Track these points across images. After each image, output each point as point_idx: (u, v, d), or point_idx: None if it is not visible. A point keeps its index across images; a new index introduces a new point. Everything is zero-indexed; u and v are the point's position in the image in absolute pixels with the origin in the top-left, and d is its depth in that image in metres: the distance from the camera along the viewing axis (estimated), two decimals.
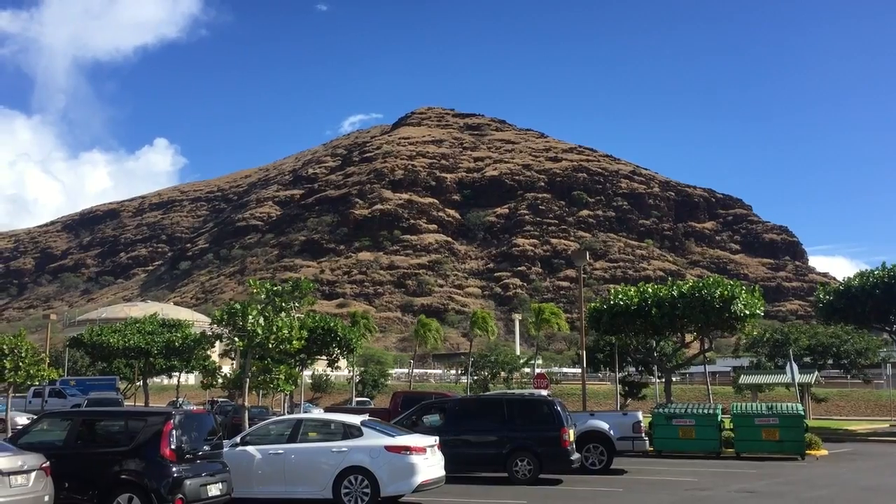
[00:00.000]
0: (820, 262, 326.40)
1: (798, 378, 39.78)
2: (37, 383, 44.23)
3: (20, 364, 28.66)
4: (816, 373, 49.91)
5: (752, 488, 18.10)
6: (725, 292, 30.91)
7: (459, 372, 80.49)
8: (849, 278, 38.10)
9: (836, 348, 56.57)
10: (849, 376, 63.80)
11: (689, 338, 36.18)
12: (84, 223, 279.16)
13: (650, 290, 33.52)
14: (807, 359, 54.92)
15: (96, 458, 12.69)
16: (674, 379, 44.39)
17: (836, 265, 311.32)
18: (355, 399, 60.60)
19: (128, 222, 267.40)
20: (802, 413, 26.03)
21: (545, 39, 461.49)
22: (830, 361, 57.95)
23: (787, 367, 38.33)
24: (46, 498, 11.21)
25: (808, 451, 25.52)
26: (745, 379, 51.95)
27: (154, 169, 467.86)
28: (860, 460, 25.25)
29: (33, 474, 11.05)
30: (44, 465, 11.30)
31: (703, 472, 21.42)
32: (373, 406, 52.68)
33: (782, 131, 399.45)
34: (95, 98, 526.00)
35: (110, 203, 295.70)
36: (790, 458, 24.81)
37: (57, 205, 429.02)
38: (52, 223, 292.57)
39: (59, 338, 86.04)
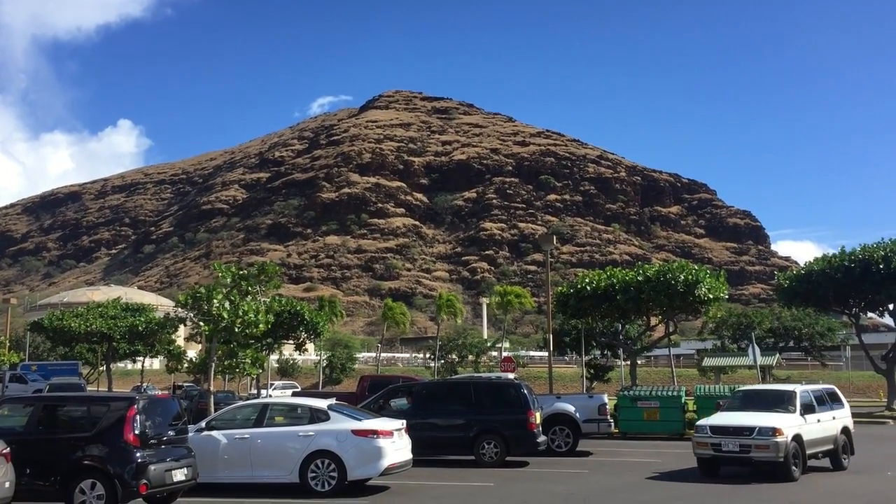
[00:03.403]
0: (787, 247, 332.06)
1: (759, 360, 40.41)
2: None
3: None
4: (777, 355, 50.74)
5: None
6: (690, 276, 31.33)
7: (427, 356, 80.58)
8: (810, 262, 38.72)
9: (797, 331, 57.59)
10: (809, 358, 65.05)
11: (654, 321, 36.65)
12: (45, 206, 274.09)
13: (617, 273, 33.85)
14: (769, 341, 55.83)
15: (58, 443, 12.53)
16: (639, 362, 44.89)
17: (803, 249, 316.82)
18: (279, 383, 59.92)
19: (90, 205, 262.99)
20: None
21: (513, 24, 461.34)
22: (791, 344, 58.99)
23: (749, 350, 38.91)
24: (7, 484, 11.05)
25: None
26: (708, 361, 52.69)
27: (118, 151, 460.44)
28: None
29: None
30: (4, 451, 11.12)
31: (667, 453, 21.72)
32: (298, 389, 52.08)
33: (749, 117, 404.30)
34: (56, 78, 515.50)
35: (72, 185, 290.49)
36: None
37: (17, 187, 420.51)
38: (12, 206, 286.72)
39: (20, 322, 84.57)
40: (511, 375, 31.08)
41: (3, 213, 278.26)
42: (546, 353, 41.88)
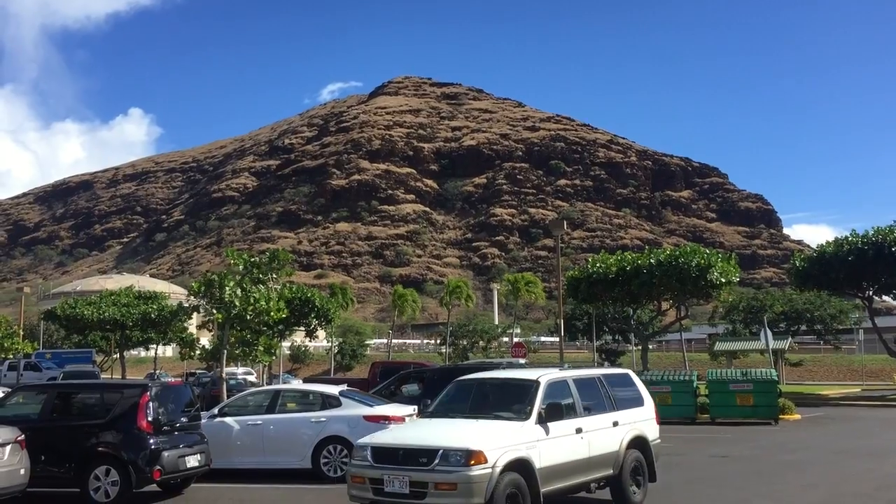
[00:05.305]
0: (802, 230, 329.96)
1: (772, 344, 40.32)
2: (11, 356, 44.03)
3: None
4: (790, 339, 50.59)
5: (727, 453, 18.37)
6: (702, 261, 31.22)
7: (438, 342, 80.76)
8: (823, 245, 38.50)
9: (809, 314, 57.32)
10: (822, 342, 64.79)
11: (665, 305, 36.53)
12: (57, 195, 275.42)
13: (628, 258, 33.77)
14: (781, 325, 55.62)
15: (72, 430, 12.63)
16: (650, 346, 44.89)
17: (817, 233, 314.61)
18: (241, 370, 51.02)
19: (102, 194, 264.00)
20: (776, 379, 26.38)
21: (522, 9, 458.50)
22: (804, 327, 58.73)
23: (762, 334, 38.84)
24: (22, 471, 11.14)
25: (781, 416, 25.91)
26: (720, 345, 52.58)
27: (128, 139, 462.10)
28: (832, 424, 25.68)
29: (8, 448, 10.96)
30: (19, 439, 11.21)
31: (679, 437, 21.64)
32: (254, 375, 48.81)
33: (762, 99, 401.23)
34: (67, 67, 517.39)
35: (83, 174, 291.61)
36: (764, 422, 25.15)
37: (29, 176, 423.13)
38: (25, 195, 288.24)
39: (34, 311, 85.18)
40: (522, 361, 31.07)
41: (16, 203, 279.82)
42: (557, 339, 41.88)
